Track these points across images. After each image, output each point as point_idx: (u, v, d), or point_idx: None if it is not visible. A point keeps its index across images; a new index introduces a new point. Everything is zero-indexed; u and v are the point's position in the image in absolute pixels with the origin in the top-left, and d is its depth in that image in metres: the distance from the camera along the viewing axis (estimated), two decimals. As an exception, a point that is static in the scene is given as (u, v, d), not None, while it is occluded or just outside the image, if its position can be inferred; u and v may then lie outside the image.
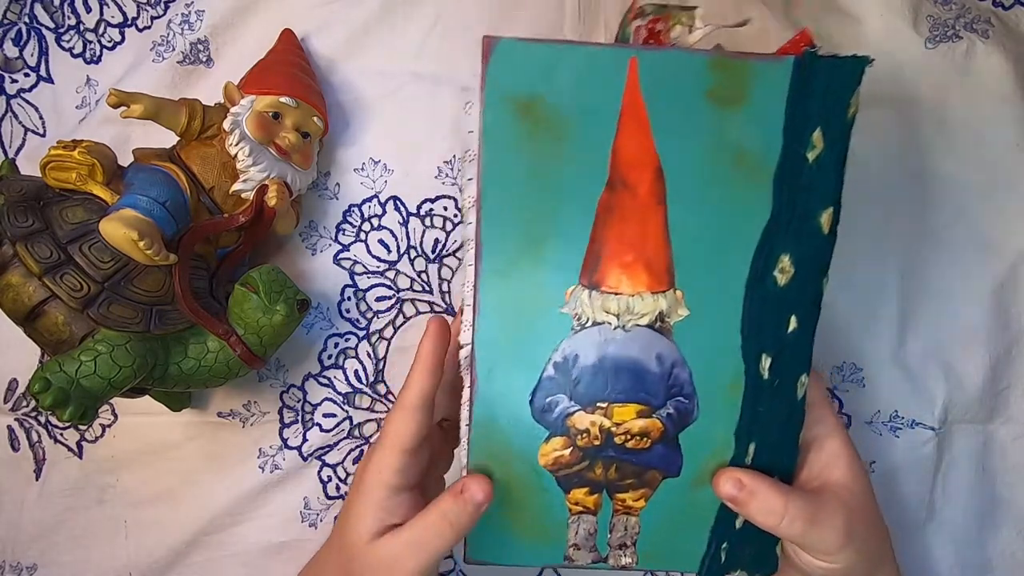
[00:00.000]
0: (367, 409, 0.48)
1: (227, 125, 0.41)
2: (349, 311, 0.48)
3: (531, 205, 0.28)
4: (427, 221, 0.48)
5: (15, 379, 0.50)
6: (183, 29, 0.49)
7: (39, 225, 0.37)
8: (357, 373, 0.48)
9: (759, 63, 0.27)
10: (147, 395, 0.44)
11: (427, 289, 0.48)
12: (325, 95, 0.46)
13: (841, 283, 0.45)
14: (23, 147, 0.51)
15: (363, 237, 0.48)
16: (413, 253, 0.48)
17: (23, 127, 0.51)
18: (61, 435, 0.49)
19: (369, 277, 0.48)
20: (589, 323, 0.29)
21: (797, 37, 0.30)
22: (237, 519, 0.48)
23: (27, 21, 0.51)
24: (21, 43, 0.51)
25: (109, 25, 0.51)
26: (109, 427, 0.49)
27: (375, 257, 0.48)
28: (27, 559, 0.49)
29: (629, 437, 0.30)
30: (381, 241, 0.48)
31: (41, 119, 0.51)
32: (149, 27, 0.50)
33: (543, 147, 0.28)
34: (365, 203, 0.48)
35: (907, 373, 0.45)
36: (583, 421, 0.30)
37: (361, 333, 0.48)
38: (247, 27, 0.49)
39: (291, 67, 0.45)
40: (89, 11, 0.51)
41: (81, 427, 0.49)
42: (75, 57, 0.51)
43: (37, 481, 0.49)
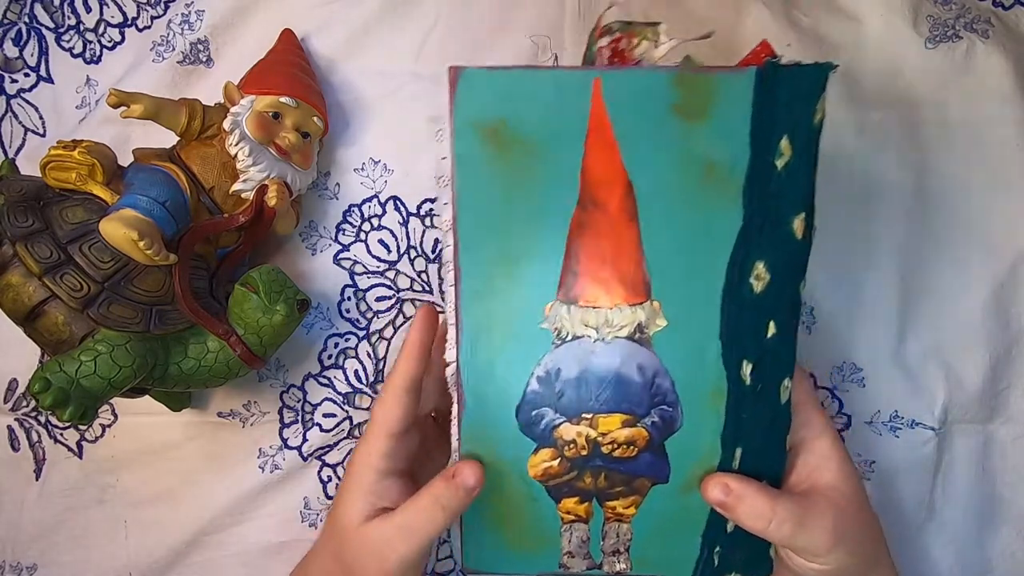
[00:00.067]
0: (367, 409, 0.48)
1: (227, 125, 0.41)
2: (349, 311, 0.48)
3: (505, 227, 0.29)
4: (427, 221, 0.48)
5: (15, 379, 0.50)
6: (183, 29, 0.49)
7: (39, 225, 0.37)
8: (357, 373, 0.48)
9: (722, 76, 0.27)
10: (147, 395, 0.44)
11: (427, 289, 0.48)
12: (325, 95, 0.46)
13: (841, 283, 0.46)
14: (23, 147, 0.51)
15: (363, 237, 0.48)
16: (413, 253, 0.48)
17: (23, 127, 0.51)
18: (61, 435, 0.49)
19: (369, 277, 0.48)
20: (569, 337, 0.30)
21: (758, 48, 0.30)
22: (237, 519, 0.48)
23: (27, 21, 0.51)
24: (21, 43, 0.51)
25: (109, 25, 0.51)
26: (109, 427, 0.49)
27: (375, 257, 0.48)
28: (27, 559, 0.49)
29: (615, 446, 0.31)
30: (381, 241, 0.48)
31: (41, 119, 0.51)
32: (149, 27, 0.50)
33: (513, 171, 0.28)
34: (365, 203, 0.48)
35: (907, 373, 0.45)
36: (569, 432, 0.31)
37: (361, 333, 0.48)
38: (247, 27, 0.49)
39: (291, 67, 0.45)
40: (89, 11, 0.51)
41: (81, 427, 0.49)
42: (75, 57, 0.51)
43: (37, 481, 0.49)
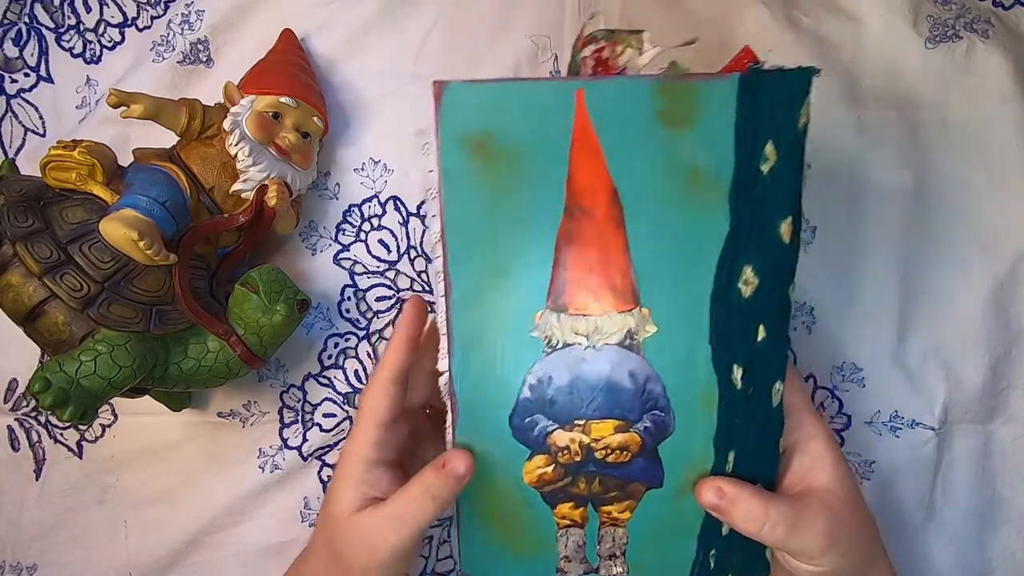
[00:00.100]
0: (367, 409, 0.48)
1: (227, 125, 0.41)
2: (349, 311, 0.48)
3: (493, 238, 0.29)
4: (427, 221, 0.48)
5: (15, 379, 0.50)
6: (183, 29, 0.49)
7: (39, 225, 0.37)
8: (357, 373, 0.48)
9: (705, 83, 0.27)
10: (147, 395, 0.44)
11: (427, 289, 0.48)
12: (325, 95, 0.46)
13: (841, 283, 0.46)
14: (23, 147, 0.51)
15: (363, 237, 0.48)
16: (413, 253, 0.48)
17: (23, 127, 0.51)
18: (61, 435, 0.49)
19: (369, 277, 0.48)
20: (560, 345, 0.30)
21: (741, 54, 0.30)
22: (237, 519, 0.48)
23: (27, 21, 0.51)
24: (21, 43, 0.51)
25: (109, 25, 0.51)
26: (109, 427, 0.49)
27: (375, 257, 0.48)
28: (27, 559, 0.49)
29: (609, 452, 0.31)
30: (381, 241, 0.48)
31: (41, 119, 0.51)
32: (149, 27, 0.50)
33: (500, 182, 0.28)
34: (365, 203, 0.48)
35: (907, 373, 0.45)
36: (563, 439, 0.31)
37: (361, 333, 0.48)
38: (247, 27, 0.49)
39: (291, 67, 0.45)
40: (89, 11, 0.51)
41: (81, 427, 0.49)
42: (75, 57, 0.51)
43: (37, 481, 0.49)
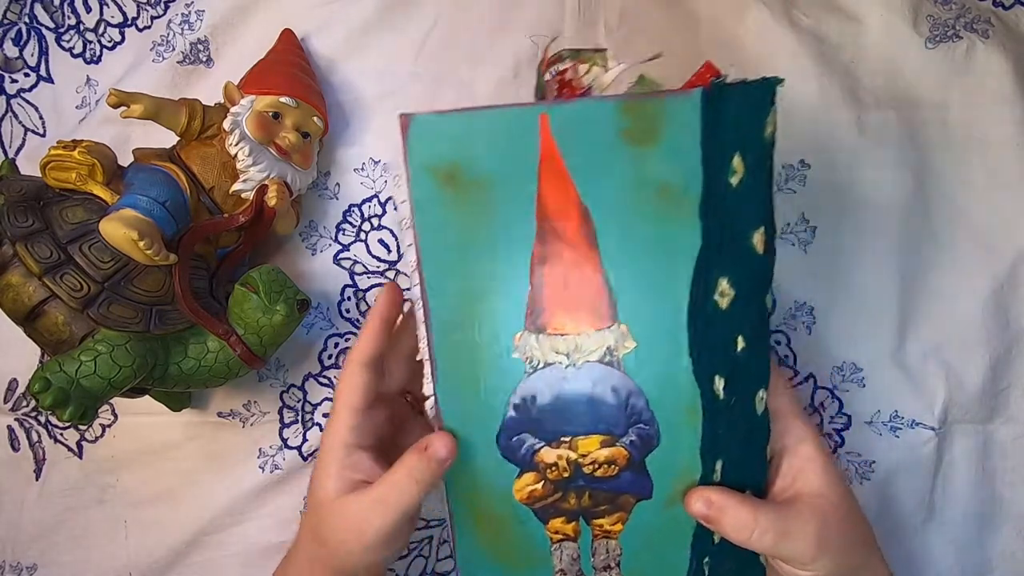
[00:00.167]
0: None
1: (227, 125, 0.41)
2: (349, 311, 0.48)
3: (468, 265, 0.29)
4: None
5: (15, 379, 0.50)
6: (183, 29, 0.49)
7: (39, 225, 0.37)
8: (357, 373, 0.48)
9: (668, 100, 0.27)
10: (147, 395, 0.44)
11: (427, 289, 0.48)
12: (325, 95, 0.46)
13: (841, 283, 0.46)
14: (23, 147, 0.51)
15: (363, 237, 0.48)
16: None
17: (23, 127, 0.51)
18: (61, 435, 0.49)
19: (369, 277, 0.48)
20: (541, 364, 0.30)
21: (702, 69, 0.30)
22: (237, 519, 0.48)
23: (27, 21, 0.51)
24: (21, 43, 0.51)
25: (109, 25, 0.51)
26: (109, 427, 0.49)
27: (375, 257, 0.48)
28: (27, 559, 0.49)
29: (596, 466, 0.31)
30: (381, 241, 0.48)
31: (41, 119, 0.51)
32: (149, 27, 0.50)
33: (471, 209, 0.29)
34: (365, 203, 0.48)
35: (907, 373, 0.45)
36: (550, 456, 0.31)
37: (361, 333, 0.48)
38: (247, 27, 0.49)
39: (291, 67, 0.45)
40: (89, 11, 0.51)
41: (81, 427, 0.49)
42: (75, 57, 0.51)
43: (37, 481, 0.49)
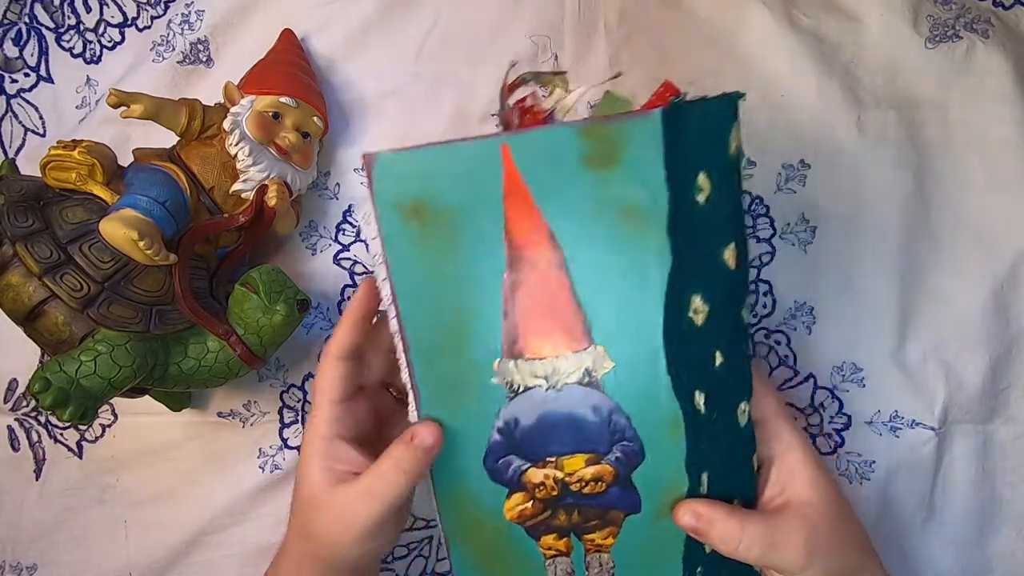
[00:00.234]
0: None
1: (227, 125, 0.41)
2: (349, 311, 0.48)
3: (441, 297, 0.30)
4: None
5: (15, 379, 0.50)
6: (183, 29, 0.49)
7: (39, 225, 0.37)
8: (357, 373, 0.48)
9: (627, 122, 0.27)
10: (147, 395, 0.44)
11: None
12: (325, 95, 0.46)
13: (841, 283, 0.46)
14: (23, 147, 0.51)
15: (363, 237, 0.48)
16: (413, 253, 0.48)
17: (23, 127, 0.51)
18: (61, 435, 0.49)
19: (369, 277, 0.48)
20: (521, 389, 0.30)
21: (661, 89, 0.30)
22: (237, 519, 0.48)
23: (27, 21, 0.51)
24: (21, 43, 0.51)
25: (109, 25, 0.51)
26: (109, 427, 0.49)
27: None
28: (27, 559, 0.49)
29: (584, 484, 0.31)
30: (381, 241, 0.48)
31: (41, 119, 0.51)
32: (149, 27, 0.50)
33: (440, 243, 0.29)
34: (365, 203, 0.48)
35: (907, 373, 0.45)
36: (537, 476, 0.31)
37: (361, 333, 0.48)
38: (247, 27, 0.49)
39: (291, 67, 0.45)
40: (89, 11, 0.51)
41: (81, 427, 0.49)
42: (75, 57, 0.51)
43: (37, 481, 0.49)
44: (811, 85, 0.46)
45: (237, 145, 0.41)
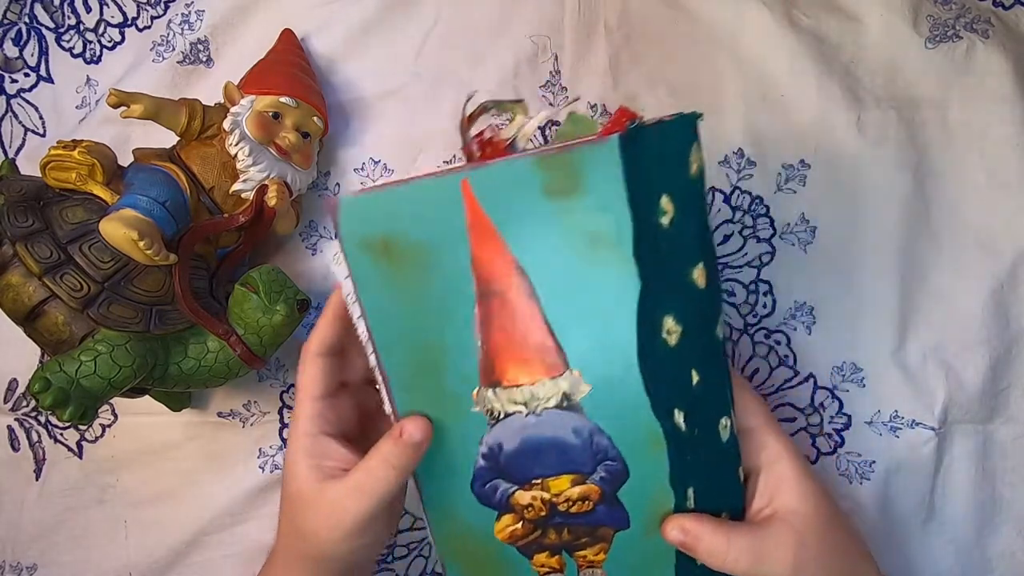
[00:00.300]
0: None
1: (227, 125, 0.41)
2: (349, 311, 0.48)
3: (417, 331, 0.30)
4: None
5: (15, 379, 0.50)
6: (183, 29, 0.49)
7: (39, 225, 0.37)
8: (357, 373, 0.48)
9: (585, 150, 0.27)
10: (147, 395, 0.44)
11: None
12: (325, 95, 0.46)
13: (841, 283, 0.46)
14: (23, 147, 0.51)
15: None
16: (413, 253, 0.48)
17: (23, 127, 0.51)
18: (61, 435, 0.49)
19: (369, 277, 0.48)
20: (502, 415, 0.31)
21: (617, 114, 0.30)
22: (237, 519, 0.48)
23: (27, 21, 0.51)
24: (21, 43, 0.51)
25: (109, 25, 0.51)
26: (109, 427, 0.49)
27: (375, 257, 0.48)
28: (27, 559, 0.49)
29: (571, 503, 0.32)
30: (381, 241, 0.48)
31: (41, 119, 0.51)
32: (149, 27, 0.50)
33: (410, 279, 0.29)
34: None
35: (907, 373, 0.45)
36: (524, 498, 0.32)
37: (361, 333, 0.48)
38: (247, 27, 0.49)
39: (291, 67, 0.45)
40: (89, 11, 0.51)
41: (81, 427, 0.49)
42: (75, 57, 0.51)
43: (37, 481, 0.49)
44: (811, 85, 0.46)
45: (237, 145, 0.41)
